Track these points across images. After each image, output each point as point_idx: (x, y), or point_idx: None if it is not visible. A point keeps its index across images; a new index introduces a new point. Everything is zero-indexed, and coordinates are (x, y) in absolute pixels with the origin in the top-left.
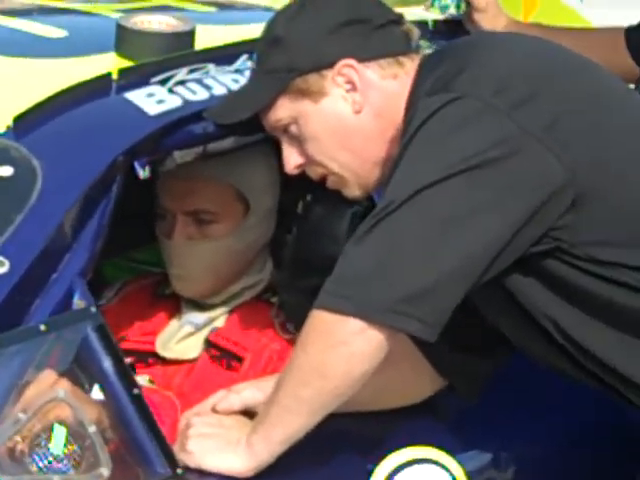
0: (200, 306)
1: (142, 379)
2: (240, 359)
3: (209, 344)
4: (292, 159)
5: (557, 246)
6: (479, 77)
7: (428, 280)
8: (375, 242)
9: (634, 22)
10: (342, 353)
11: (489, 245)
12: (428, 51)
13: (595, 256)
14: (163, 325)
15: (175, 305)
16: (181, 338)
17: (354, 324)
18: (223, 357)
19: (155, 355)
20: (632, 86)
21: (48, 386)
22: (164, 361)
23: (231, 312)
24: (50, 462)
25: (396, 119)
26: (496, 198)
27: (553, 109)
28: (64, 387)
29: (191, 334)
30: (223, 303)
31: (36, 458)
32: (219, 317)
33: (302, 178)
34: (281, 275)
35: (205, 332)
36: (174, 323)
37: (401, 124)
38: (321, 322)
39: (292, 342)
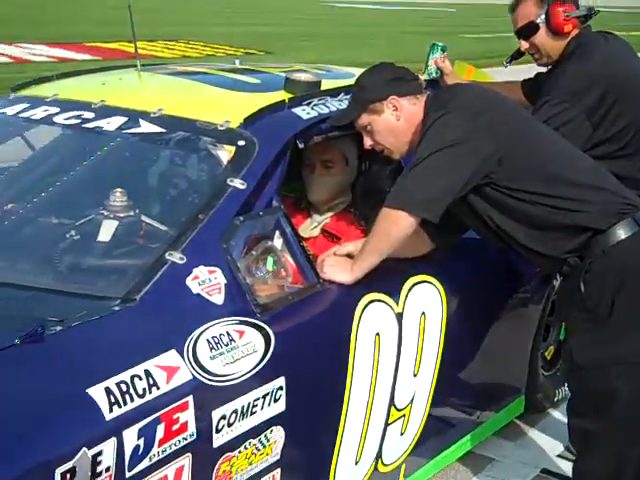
0: (319, 212)
1: None
2: (339, 238)
3: (323, 230)
4: (367, 142)
5: (491, 181)
6: (458, 104)
7: (435, 194)
8: (413, 175)
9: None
10: (396, 226)
11: (460, 180)
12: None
13: (509, 185)
14: (301, 221)
15: (306, 212)
16: (312, 228)
17: (402, 213)
18: (331, 236)
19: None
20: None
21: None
22: (301, 238)
23: (333, 216)
24: (264, 273)
25: (417, 123)
26: (462, 159)
27: (492, 118)
28: None
29: (317, 226)
30: (329, 210)
31: (258, 272)
32: (328, 218)
33: (364, 153)
34: (354, 198)
35: (322, 224)
36: (309, 221)
37: (419, 125)
38: (387, 212)
39: (365, 230)
